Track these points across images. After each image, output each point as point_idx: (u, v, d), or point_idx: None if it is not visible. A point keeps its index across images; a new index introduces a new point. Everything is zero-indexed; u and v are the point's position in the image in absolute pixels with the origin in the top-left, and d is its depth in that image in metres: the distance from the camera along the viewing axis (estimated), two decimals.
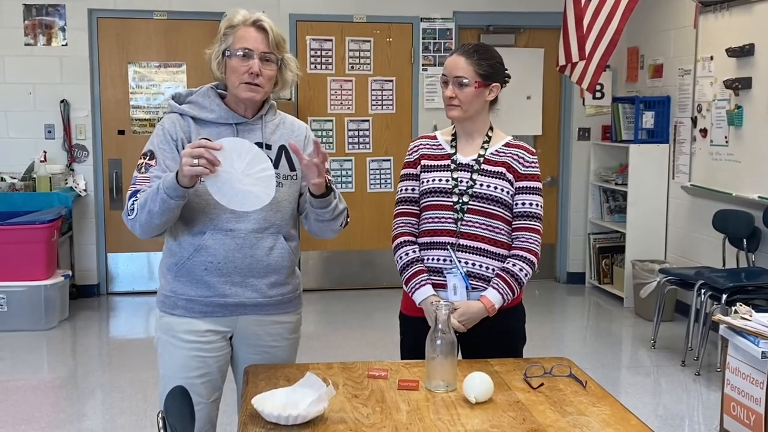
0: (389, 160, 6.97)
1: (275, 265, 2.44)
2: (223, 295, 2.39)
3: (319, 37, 6.77)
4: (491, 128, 2.68)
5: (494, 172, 2.59)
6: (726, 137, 5.49)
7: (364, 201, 6.96)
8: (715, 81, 5.60)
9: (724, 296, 4.62)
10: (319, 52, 6.76)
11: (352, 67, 6.85)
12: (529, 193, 2.60)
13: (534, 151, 2.67)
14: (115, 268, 6.78)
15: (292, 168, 2.46)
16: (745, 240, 5.21)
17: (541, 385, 2.25)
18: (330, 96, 6.84)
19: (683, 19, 6.02)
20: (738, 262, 5.31)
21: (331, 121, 6.87)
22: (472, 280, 2.57)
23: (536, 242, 2.60)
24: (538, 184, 2.62)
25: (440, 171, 2.63)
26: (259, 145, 2.37)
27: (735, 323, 3.26)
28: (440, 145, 2.68)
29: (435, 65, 6.85)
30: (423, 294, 2.57)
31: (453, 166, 2.62)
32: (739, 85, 5.27)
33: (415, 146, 2.72)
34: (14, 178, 6.24)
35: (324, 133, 6.87)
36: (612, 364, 5.23)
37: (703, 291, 4.86)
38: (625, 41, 6.53)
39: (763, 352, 3.10)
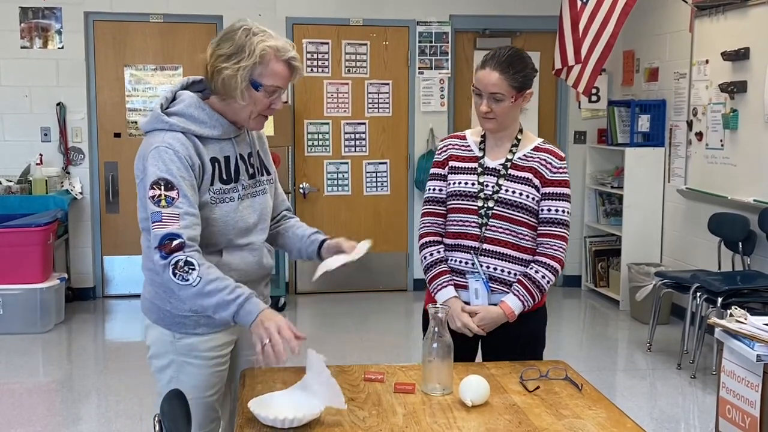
0: (385, 163, 6.98)
1: (270, 267, 2.48)
2: None
3: (315, 41, 6.77)
4: (521, 130, 2.65)
5: (521, 177, 2.57)
6: (721, 141, 5.51)
7: (360, 204, 6.97)
8: (710, 84, 5.62)
9: (720, 299, 4.62)
10: (315, 56, 6.77)
11: (349, 71, 6.85)
12: (556, 199, 2.58)
13: (563, 156, 2.63)
14: (111, 271, 6.77)
15: (268, 173, 2.46)
16: (740, 243, 5.22)
17: (537, 388, 2.25)
18: (326, 99, 6.84)
19: (679, 22, 6.04)
20: (733, 266, 5.32)
21: (328, 123, 6.87)
22: (494, 283, 2.58)
23: (561, 249, 2.59)
24: (567, 190, 2.60)
25: (467, 174, 2.62)
26: (250, 155, 2.38)
27: (730, 326, 3.27)
28: (469, 146, 2.67)
29: (431, 69, 6.86)
30: (445, 295, 2.60)
31: (480, 169, 2.61)
32: (735, 88, 5.28)
33: (444, 146, 2.72)
34: (10, 181, 6.23)
35: (320, 136, 6.87)
36: (608, 368, 5.24)
37: (698, 294, 4.87)
38: (620, 45, 6.54)
39: (758, 355, 3.11)
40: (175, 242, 2.12)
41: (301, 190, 6.80)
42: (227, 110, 2.27)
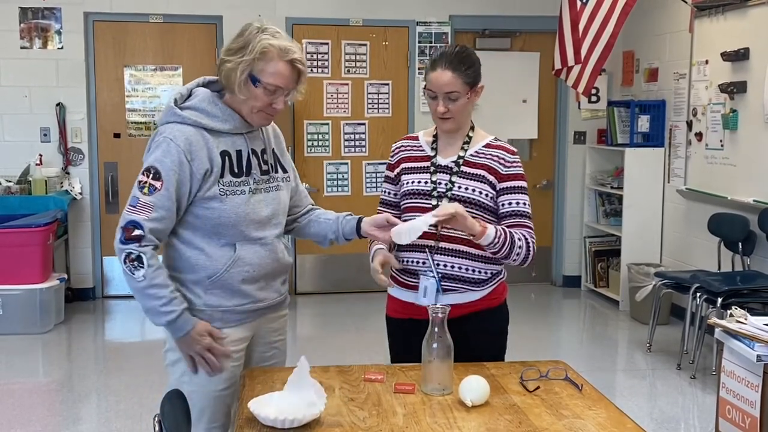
0: (385, 163, 6.96)
1: (287, 263, 2.52)
2: (256, 301, 2.42)
3: (315, 41, 6.77)
4: (472, 128, 2.65)
5: (474, 174, 2.56)
6: (721, 141, 5.51)
7: (360, 204, 6.95)
8: (710, 85, 5.62)
9: (720, 300, 4.62)
10: (315, 56, 6.77)
11: (349, 71, 6.86)
12: (515, 193, 2.56)
13: (515, 150, 2.62)
14: (111, 272, 6.77)
15: (285, 171, 2.52)
16: (740, 243, 5.22)
17: (537, 388, 2.25)
18: (326, 99, 6.85)
19: (678, 23, 6.04)
20: (733, 266, 5.32)
21: (327, 124, 6.87)
22: (448, 281, 2.54)
23: (531, 237, 2.53)
24: (523, 183, 2.58)
25: (420, 173, 2.62)
26: (264, 151, 2.43)
27: (730, 326, 3.27)
28: (421, 146, 2.67)
29: None
30: (373, 249, 2.61)
31: (432, 168, 2.60)
32: (734, 89, 5.28)
33: (396, 148, 2.73)
34: (10, 182, 6.23)
35: (320, 137, 6.87)
36: (608, 368, 5.24)
37: (698, 294, 4.87)
38: (620, 45, 6.54)
39: (758, 356, 3.11)
40: (135, 231, 2.22)
41: None
42: (239, 107, 2.33)
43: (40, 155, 6.39)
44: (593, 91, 6.58)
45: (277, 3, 6.64)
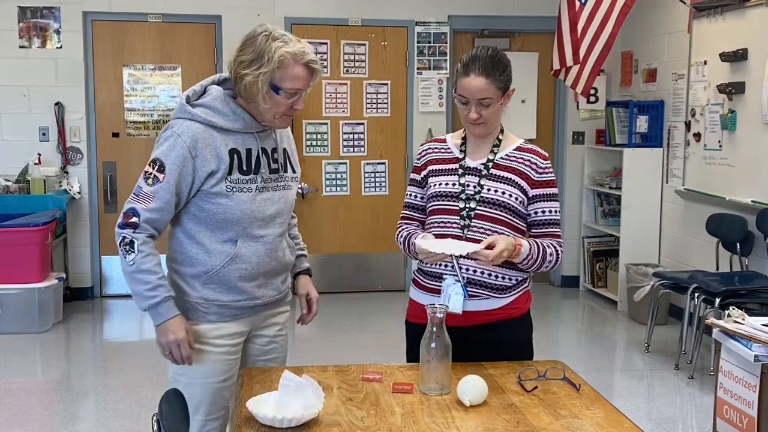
0: (384, 163, 6.98)
1: (288, 263, 2.57)
2: (253, 298, 2.45)
3: (314, 41, 6.77)
4: (502, 130, 2.61)
5: (503, 177, 2.52)
6: (719, 141, 5.51)
7: (359, 204, 6.97)
8: (708, 85, 5.63)
9: (718, 300, 4.63)
10: None
11: (347, 71, 6.86)
12: (547, 201, 2.54)
13: (546, 155, 2.59)
14: (109, 271, 6.76)
15: (294, 170, 2.55)
16: (738, 244, 5.22)
17: (535, 388, 2.26)
18: (325, 99, 6.85)
19: (677, 23, 6.05)
20: (731, 266, 5.32)
21: (326, 124, 6.87)
22: (473, 287, 2.49)
23: (561, 246, 2.55)
24: (554, 190, 2.56)
25: (448, 175, 2.57)
26: (275, 150, 2.47)
27: (728, 327, 3.27)
28: (449, 149, 2.62)
29: (430, 69, 6.86)
30: (411, 237, 2.56)
31: (461, 170, 2.56)
32: (733, 89, 5.29)
33: (423, 150, 2.68)
34: (8, 181, 6.23)
35: (319, 136, 6.88)
36: (606, 368, 5.24)
37: (696, 295, 4.87)
38: (619, 46, 6.55)
39: (755, 356, 3.12)
40: (132, 218, 2.31)
41: (300, 191, 6.80)
42: (252, 109, 2.38)
43: (39, 154, 6.39)
44: (592, 92, 6.57)
45: (277, 3, 6.64)
